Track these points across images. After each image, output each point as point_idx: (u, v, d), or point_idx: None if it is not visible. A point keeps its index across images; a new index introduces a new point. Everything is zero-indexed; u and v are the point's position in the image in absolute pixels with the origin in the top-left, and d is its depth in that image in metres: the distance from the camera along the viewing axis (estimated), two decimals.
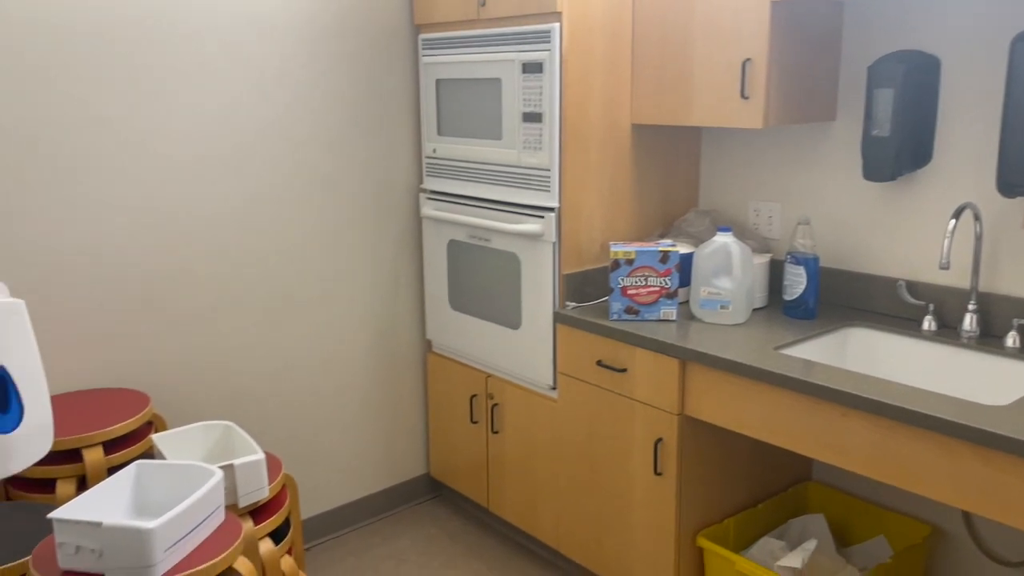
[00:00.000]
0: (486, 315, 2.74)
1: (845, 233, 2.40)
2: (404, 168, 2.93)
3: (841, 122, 2.37)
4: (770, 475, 2.47)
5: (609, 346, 2.31)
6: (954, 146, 2.14)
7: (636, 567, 2.36)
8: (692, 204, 2.76)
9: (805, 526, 2.40)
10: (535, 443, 2.63)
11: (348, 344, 2.90)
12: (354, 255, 2.86)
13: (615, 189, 2.53)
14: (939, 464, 1.68)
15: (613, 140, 2.49)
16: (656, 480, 2.25)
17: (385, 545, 2.89)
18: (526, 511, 2.72)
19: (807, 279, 2.27)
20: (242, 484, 1.84)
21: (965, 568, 2.26)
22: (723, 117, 2.25)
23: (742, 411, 2.03)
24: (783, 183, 2.54)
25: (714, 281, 2.25)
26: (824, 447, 1.87)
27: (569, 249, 2.46)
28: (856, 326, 2.25)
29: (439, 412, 3.03)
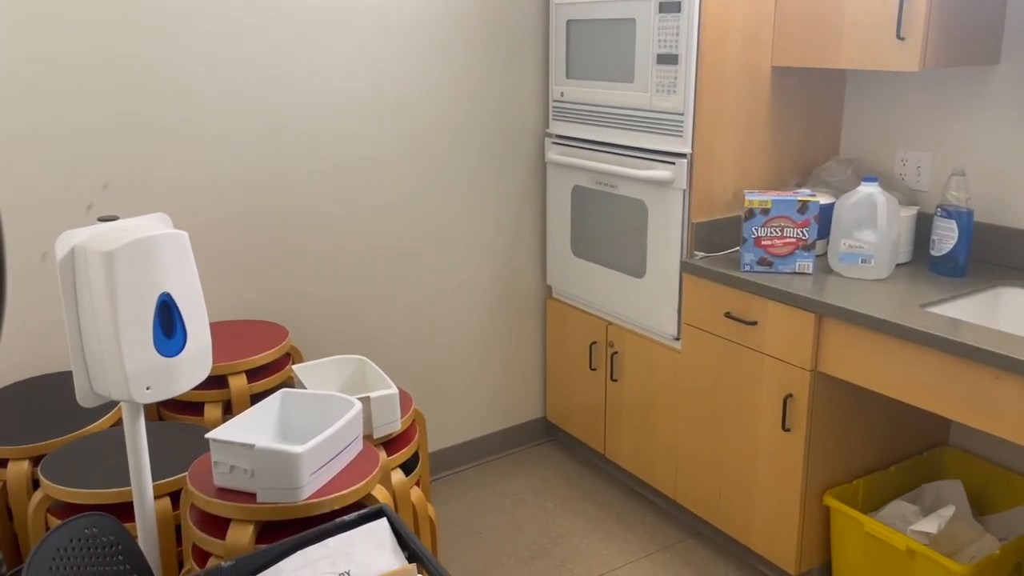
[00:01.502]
0: (609, 263, 2.72)
1: (1003, 186, 2.24)
2: (530, 112, 2.91)
3: (1005, 66, 2.19)
4: (904, 438, 2.38)
5: (739, 298, 2.26)
6: None
7: (758, 522, 2.33)
8: (833, 152, 2.63)
9: (940, 492, 2.31)
10: (655, 393, 2.62)
11: (472, 286, 2.94)
12: (479, 199, 2.88)
13: (751, 135, 2.43)
14: None
15: (751, 83, 2.39)
16: (784, 436, 2.20)
17: (502, 483, 2.96)
18: (643, 460, 2.72)
19: (959, 234, 2.14)
20: (377, 416, 1.91)
21: None
22: (875, 59, 2.12)
23: (881, 370, 1.95)
24: (935, 131, 2.38)
25: (856, 234, 2.15)
26: (971, 411, 1.78)
27: (700, 197, 2.39)
28: (1010, 285, 2.12)
29: (557, 357, 3.05)
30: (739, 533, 2.40)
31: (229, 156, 2.38)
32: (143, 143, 2.25)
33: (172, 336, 1.44)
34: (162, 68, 2.24)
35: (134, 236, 1.42)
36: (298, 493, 1.56)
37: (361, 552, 1.36)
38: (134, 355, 1.41)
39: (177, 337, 1.44)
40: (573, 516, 2.75)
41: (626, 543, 2.60)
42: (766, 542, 2.32)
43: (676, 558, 2.52)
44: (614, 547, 2.58)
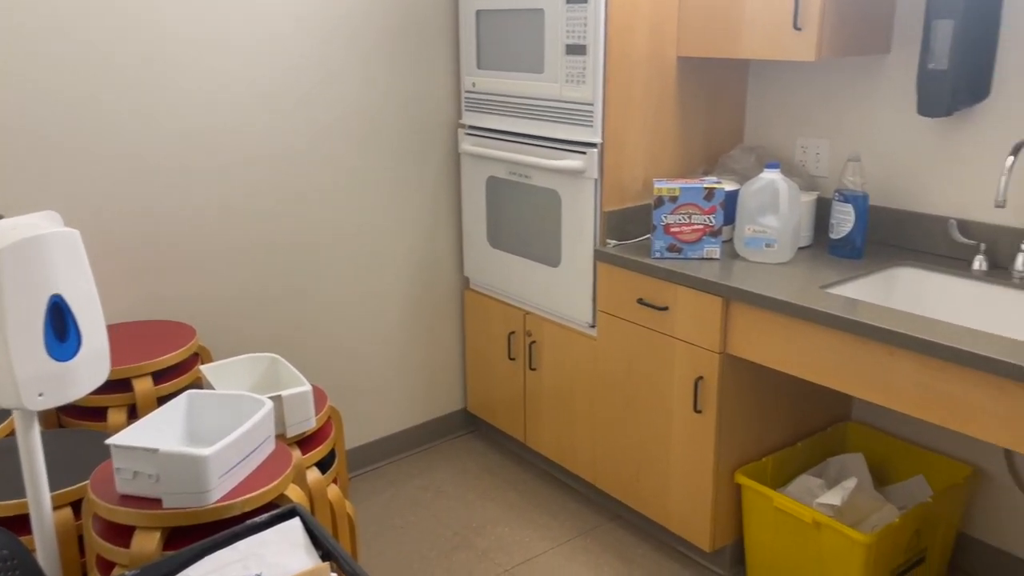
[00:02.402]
0: (525, 252, 2.73)
1: (896, 171, 2.34)
2: (443, 103, 2.89)
3: (896, 55, 2.29)
4: (809, 414, 2.47)
5: (651, 284, 2.30)
6: (1013, 81, 2.07)
7: (673, 502, 2.39)
8: (737, 140, 2.70)
9: (844, 465, 2.41)
10: (573, 380, 2.64)
11: (387, 280, 2.91)
12: (393, 191, 2.85)
13: (659, 124, 2.48)
14: (990, 404, 1.66)
15: (658, 73, 2.43)
16: (696, 417, 2.25)
17: (423, 476, 2.94)
18: (563, 446, 2.75)
19: (855, 217, 2.23)
20: (290, 414, 1.88)
21: (1006, 508, 2.26)
22: (774, 49, 2.19)
23: (786, 350, 2.01)
24: (832, 119, 2.47)
25: (760, 219, 2.22)
26: (870, 386, 1.86)
27: (611, 186, 2.43)
28: (904, 266, 2.22)
29: (476, 348, 3.05)
30: (656, 514, 2.46)
31: (129, 151, 2.29)
32: (35, 138, 2.15)
33: (65, 340, 1.38)
34: (56, 58, 2.13)
35: (21, 235, 1.35)
36: (206, 497, 1.51)
37: (273, 553, 1.34)
38: (24, 360, 1.35)
39: (71, 340, 1.38)
40: (495, 505, 2.76)
41: (548, 529, 2.63)
42: (682, 521, 2.38)
43: (596, 542, 2.56)
44: (536, 534, 2.61)
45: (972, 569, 2.35)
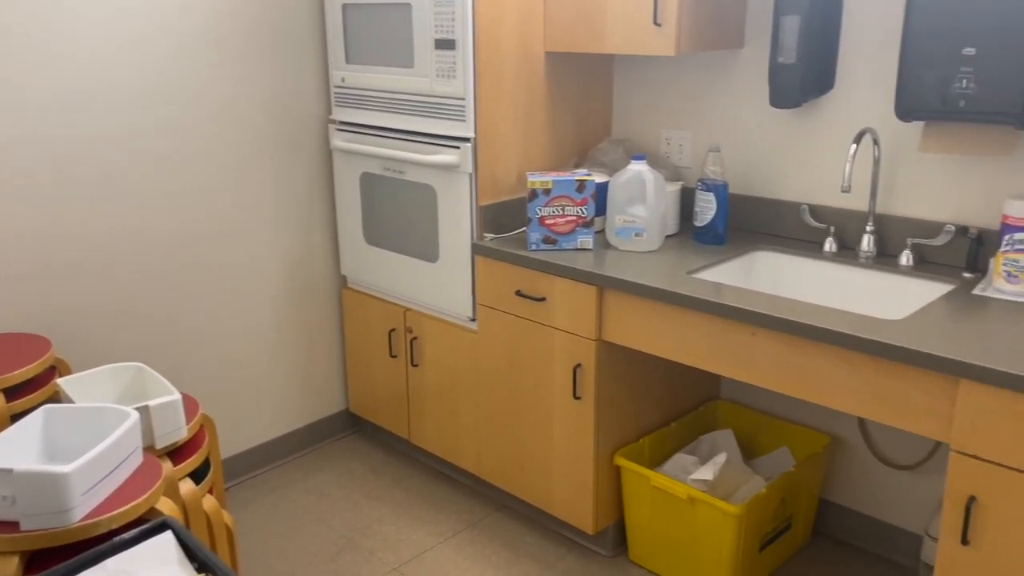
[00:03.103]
0: (402, 249, 2.72)
1: (753, 160, 2.47)
2: (312, 98, 2.83)
3: (748, 50, 2.41)
4: (681, 395, 2.57)
5: (528, 276, 2.33)
6: (855, 73, 2.22)
7: (556, 488, 2.44)
8: (605, 133, 2.77)
9: (715, 441, 2.52)
10: (455, 374, 2.65)
11: (260, 281, 2.83)
12: (262, 189, 2.77)
13: (530, 119, 2.52)
14: (841, 376, 1.78)
15: (527, 68, 2.47)
16: (575, 404, 2.31)
17: (306, 480, 2.88)
18: (448, 441, 2.76)
19: (717, 205, 2.33)
20: (159, 425, 1.80)
21: (860, 473, 2.43)
22: (636, 44, 2.26)
23: (658, 334, 2.09)
24: (693, 112, 2.58)
25: (629, 209, 2.29)
26: (735, 365, 1.96)
27: (485, 180, 2.44)
28: (762, 249, 2.34)
29: (356, 347, 3.01)
30: (541, 501, 2.50)
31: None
32: None
33: None
34: None
35: None
36: (68, 516, 1.43)
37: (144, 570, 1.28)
38: None
39: None
40: (381, 504, 2.74)
41: (435, 525, 2.63)
42: (565, 506, 2.43)
43: (483, 533, 2.58)
44: (423, 530, 2.60)
45: (833, 532, 2.51)
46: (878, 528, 2.41)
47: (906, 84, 1.96)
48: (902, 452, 2.32)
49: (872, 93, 2.19)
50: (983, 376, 1.55)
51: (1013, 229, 1.86)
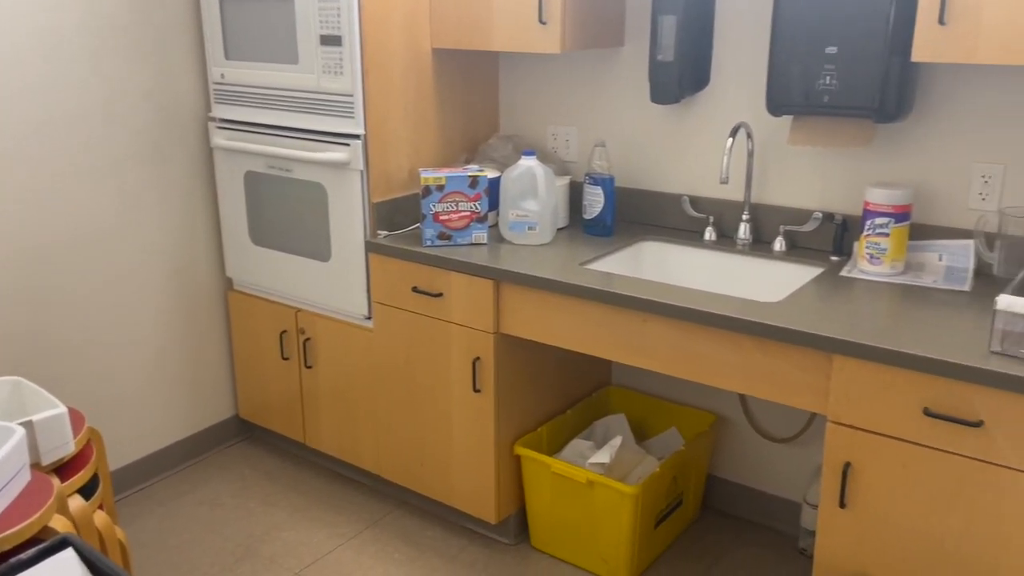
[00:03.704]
0: (292, 248, 2.67)
1: (636, 154, 2.57)
2: (189, 96, 2.74)
3: (629, 48, 2.51)
4: (575, 383, 2.65)
5: (424, 272, 2.35)
6: (728, 70, 2.35)
7: (458, 481, 2.46)
8: (494, 129, 2.82)
9: (608, 426, 2.61)
10: (352, 374, 2.63)
11: (141, 286, 2.71)
12: (140, 191, 2.66)
13: (420, 115, 2.52)
14: (728, 357, 1.89)
15: (415, 65, 2.47)
16: (475, 397, 2.34)
17: (197, 491, 2.79)
18: (345, 442, 2.73)
19: (604, 198, 2.42)
20: (44, 440, 1.70)
21: (744, 448, 2.58)
22: (522, 42, 2.31)
23: (554, 325, 2.15)
24: (578, 108, 2.65)
25: (521, 204, 2.34)
26: (629, 351, 2.04)
27: (377, 177, 2.44)
28: (648, 240, 2.44)
29: (246, 351, 2.94)
30: (442, 495, 2.52)
31: None
32: None
33: None
34: None
35: None
36: None
37: None
38: None
39: None
40: (278, 510, 2.69)
41: (335, 526, 2.60)
42: (468, 499, 2.46)
43: (385, 531, 2.58)
44: (323, 532, 2.57)
45: (720, 505, 2.66)
46: (761, 499, 2.57)
47: (775, 81, 2.09)
48: (780, 426, 2.48)
49: (745, 89, 2.33)
50: (853, 351, 1.69)
51: (874, 214, 2.03)
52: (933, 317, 1.79)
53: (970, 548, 1.65)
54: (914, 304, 1.87)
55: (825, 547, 1.84)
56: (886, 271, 2.05)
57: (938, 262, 2.07)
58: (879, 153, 2.17)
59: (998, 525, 1.61)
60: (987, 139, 2.02)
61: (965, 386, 1.59)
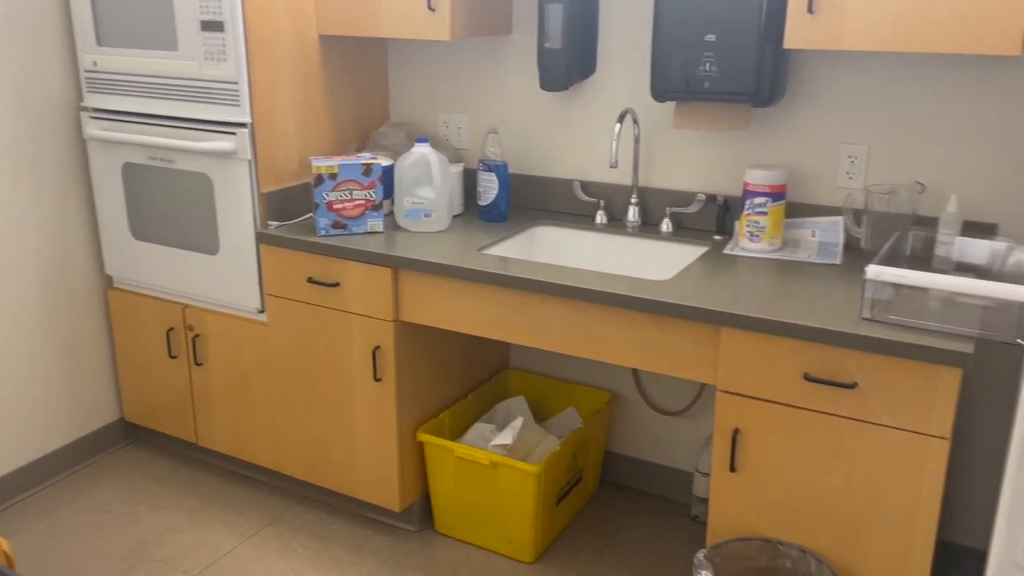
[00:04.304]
0: (177, 242, 2.57)
1: (528, 140, 2.61)
2: (58, 84, 2.59)
3: (517, 35, 2.54)
4: (475, 368, 2.68)
5: (319, 262, 2.31)
6: (614, 57, 2.42)
7: (361, 472, 2.45)
8: (384, 117, 2.80)
9: (509, 408, 2.66)
10: (246, 369, 2.57)
11: (10, 287, 2.55)
12: (5, 186, 2.50)
13: (308, 103, 2.48)
14: (623, 334, 1.96)
15: (302, 51, 2.43)
16: (376, 386, 2.33)
17: (84, 498, 2.66)
18: (241, 439, 2.66)
19: (498, 185, 2.45)
20: None
21: (638, 422, 2.68)
22: (412, 29, 2.30)
23: (454, 310, 2.17)
24: (469, 95, 2.67)
25: (416, 191, 2.34)
26: (528, 333, 2.08)
27: (266, 166, 2.38)
28: (542, 224, 2.49)
29: (129, 352, 2.81)
30: (345, 487, 2.50)
31: None
32: None
33: None
34: None
35: None
36: None
37: None
38: None
39: None
40: (171, 513, 2.60)
41: (234, 525, 2.54)
42: (371, 488, 2.45)
43: (287, 527, 2.53)
44: (221, 532, 2.51)
45: (618, 479, 2.75)
46: (655, 471, 2.68)
47: (658, 68, 2.17)
48: (672, 400, 2.59)
49: (630, 76, 2.41)
50: (739, 323, 1.79)
51: (753, 195, 2.14)
52: (809, 289, 1.91)
53: (849, 502, 1.78)
54: (792, 278, 1.99)
55: (718, 510, 1.94)
56: (765, 248, 2.17)
57: (812, 238, 2.21)
58: (756, 136, 2.29)
59: (873, 479, 1.74)
60: (853, 121, 2.17)
61: (840, 351, 1.71)
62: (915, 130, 2.10)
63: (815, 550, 1.84)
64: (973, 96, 2.02)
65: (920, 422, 1.66)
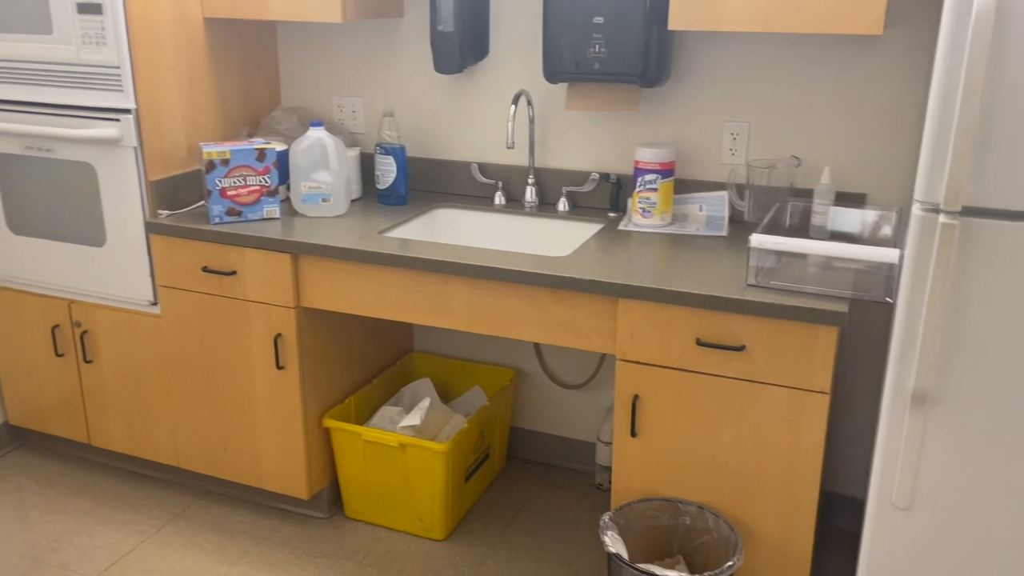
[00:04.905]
0: (59, 235, 2.46)
1: (425, 123, 2.62)
2: None
3: (409, 18, 2.54)
4: (379, 352, 2.68)
5: (214, 251, 2.26)
6: (506, 40, 2.46)
7: (266, 462, 2.42)
8: (276, 102, 2.75)
9: (415, 390, 2.68)
10: (140, 364, 2.49)
11: None
12: None
13: (195, 88, 2.41)
14: (525, 310, 2.01)
15: (187, 34, 2.36)
16: (279, 374, 2.31)
17: None
18: (137, 437, 2.58)
19: (397, 168, 2.45)
20: None
21: (541, 397, 2.74)
22: (302, 11, 2.28)
23: (356, 294, 2.17)
24: (363, 78, 2.66)
25: (313, 175, 2.32)
26: (432, 313, 2.11)
27: (153, 154, 2.31)
28: (442, 207, 2.52)
29: (11, 352, 2.68)
30: (250, 478, 2.47)
31: None
32: None
33: None
34: None
35: None
36: None
37: None
38: None
39: None
40: (65, 516, 2.50)
41: (133, 524, 2.47)
42: (277, 478, 2.43)
43: (190, 523, 2.48)
44: (120, 532, 2.43)
45: (523, 454, 2.82)
46: (560, 444, 2.75)
47: (550, 50, 2.22)
48: (573, 374, 2.67)
49: (523, 58, 2.45)
50: (635, 293, 1.87)
51: (643, 172, 2.23)
52: (699, 260, 2.01)
53: (740, 458, 1.90)
54: (682, 250, 2.09)
55: (620, 474, 2.02)
56: (657, 223, 2.26)
57: (699, 212, 2.32)
58: (646, 116, 2.37)
59: (762, 435, 1.86)
60: (734, 100, 2.28)
61: (728, 316, 1.81)
62: (791, 107, 2.23)
63: (712, 505, 1.94)
64: (842, 74, 2.16)
65: (802, 379, 1.78)
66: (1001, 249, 1.47)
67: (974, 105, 1.40)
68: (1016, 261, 1.47)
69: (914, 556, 1.68)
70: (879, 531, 1.69)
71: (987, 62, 1.40)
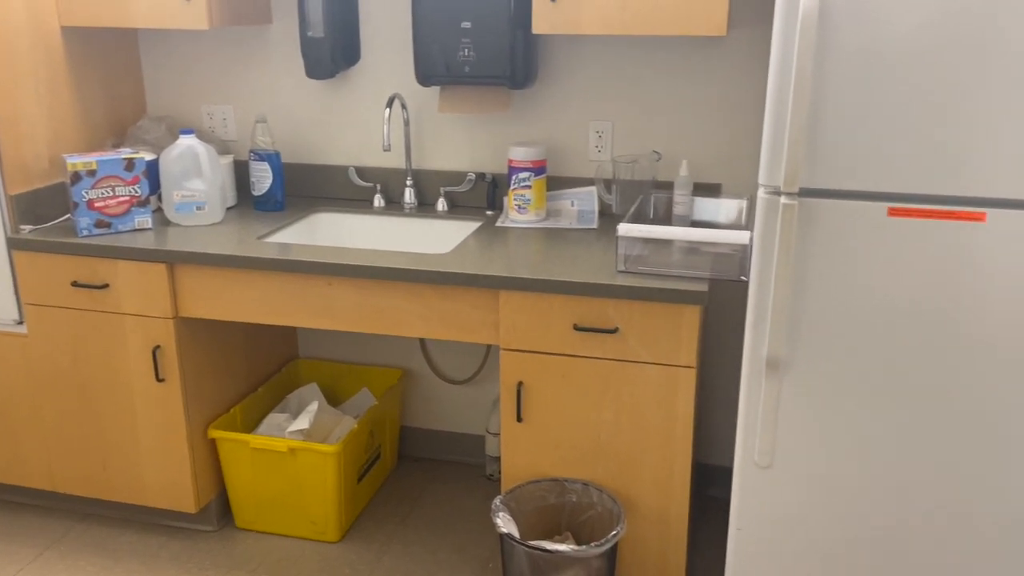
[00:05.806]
0: None
1: (299, 128, 2.63)
2: None
3: (278, 24, 2.55)
4: (263, 360, 2.66)
5: (84, 264, 2.20)
6: (378, 44, 2.50)
7: (149, 478, 2.37)
8: (142, 111, 2.69)
9: (302, 396, 2.67)
10: (6, 387, 2.38)
11: None
12: None
13: (54, 98, 2.34)
14: (410, 307, 2.06)
15: (44, 44, 2.28)
16: (159, 387, 2.26)
17: None
18: (6, 462, 2.47)
19: (272, 174, 2.45)
20: None
21: (430, 395, 2.80)
22: (166, 18, 2.25)
23: (238, 301, 2.16)
24: (233, 85, 2.64)
25: (186, 184, 2.29)
26: (317, 316, 2.13)
27: (12, 167, 2.22)
28: (321, 211, 2.53)
29: None
30: (133, 497, 2.40)
31: None
32: None
33: None
34: None
35: None
36: None
37: None
38: None
39: None
40: None
41: (8, 555, 2.35)
42: (162, 494, 2.38)
43: (71, 547, 2.39)
44: None
45: (415, 452, 2.86)
46: (449, 439, 2.81)
47: (421, 54, 2.29)
48: (459, 370, 2.74)
49: (395, 62, 2.50)
50: (515, 284, 1.95)
51: (517, 170, 2.32)
52: (573, 251, 2.12)
53: (621, 436, 2.02)
54: (557, 243, 2.20)
55: (509, 459, 2.11)
56: (532, 219, 2.36)
57: (571, 207, 2.44)
58: (517, 117, 2.47)
59: (638, 412, 1.98)
60: (598, 100, 2.41)
61: (602, 301, 1.93)
62: (650, 105, 2.38)
63: (596, 482, 2.06)
64: (693, 73, 2.33)
65: (671, 355, 1.92)
66: (834, 225, 1.65)
67: (804, 97, 1.56)
68: (847, 235, 1.64)
69: (778, 511, 1.84)
70: (745, 489, 1.84)
71: (813, 58, 1.57)
